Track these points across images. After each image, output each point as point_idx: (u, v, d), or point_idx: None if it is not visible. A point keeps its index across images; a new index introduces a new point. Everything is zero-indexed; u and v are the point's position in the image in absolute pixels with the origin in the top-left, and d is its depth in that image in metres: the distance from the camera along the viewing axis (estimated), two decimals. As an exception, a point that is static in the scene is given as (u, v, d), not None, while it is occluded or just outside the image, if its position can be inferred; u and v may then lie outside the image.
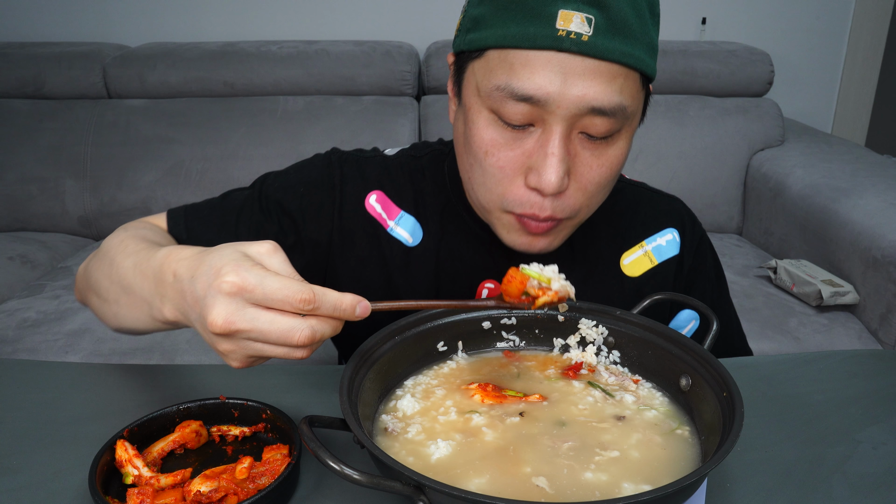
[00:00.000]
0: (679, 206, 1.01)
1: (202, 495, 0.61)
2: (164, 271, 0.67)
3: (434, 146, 0.99)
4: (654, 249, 0.97)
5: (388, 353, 0.72)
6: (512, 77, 0.73)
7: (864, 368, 0.87)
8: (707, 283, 1.00)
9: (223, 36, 2.73)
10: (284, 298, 0.58)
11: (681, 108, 2.50)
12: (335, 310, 0.60)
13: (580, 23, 0.70)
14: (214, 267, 0.60)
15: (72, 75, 2.44)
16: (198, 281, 0.61)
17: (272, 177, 0.97)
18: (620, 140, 0.78)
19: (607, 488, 0.60)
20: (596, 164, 0.78)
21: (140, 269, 0.72)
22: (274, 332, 0.59)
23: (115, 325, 0.82)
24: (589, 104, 0.72)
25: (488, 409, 0.70)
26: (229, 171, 2.38)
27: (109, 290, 0.78)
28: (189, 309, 0.63)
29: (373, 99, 2.49)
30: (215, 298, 0.59)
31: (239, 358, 0.62)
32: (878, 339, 1.85)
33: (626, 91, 0.74)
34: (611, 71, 0.72)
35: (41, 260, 2.21)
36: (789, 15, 2.85)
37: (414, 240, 0.94)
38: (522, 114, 0.74)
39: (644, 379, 0.76)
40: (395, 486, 0.53)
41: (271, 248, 0.63)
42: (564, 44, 0.71)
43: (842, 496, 0.65)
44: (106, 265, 0.79)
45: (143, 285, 0.71)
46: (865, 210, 1.94)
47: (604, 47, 0.71)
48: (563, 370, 0.77)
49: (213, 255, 0.62)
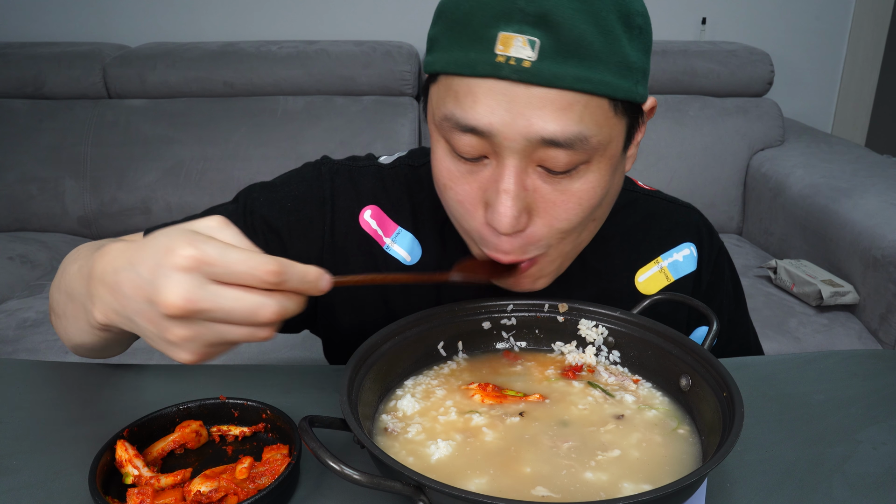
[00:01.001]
0: (696, 218, 0.95)
1: (202, 495, 0.61)
2: (95, 267, 0.59)
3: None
4: (670, 266, 0.92)
5: (388, 353, 0.72)
6: (456, 107, 0.67)
7: (864, 368, 0.87)
8: (725, 298, 0.96)
9: (223, 36, 2.73)
10: (248, 271, 0.52)
11: (681, 108, 2.50)
12: (302, 281, 0.55)
13: (521, 46, 0.62)
14: (163, 246, 0.53)
15: (72, 75, 2.44)
16: (141, 264, 0.54)
17: (257, 189, 0.90)
18: (589, 173, 0.69)
19: (607, 488, 0.60)
20: (560, 200, 0.69)
21: (80, 271, 0.66)
22: (240, 309, 0.53)
23: (69, 343, 0.77)
24: (538, 135, 0.64)
25: (488, 409, 0.70)
26: (229, 171, 2.38)
27: (58, 302, 0.73)
28: (127, 301, 0.55)
29: (373, 99, 2.50)
30: (168, 277, 0.52)
31: (195, 348, 0.55)
32: (878, 339, 1.85)
33: (588, 119, 0.65)
34: (563, 99, 0.64)
35: (41, 260, 2.21)
36: (789, 15, 2.85)
37: (412, 258, 0.88)
38: (472, 146, 0.68)
39: (644, 379, 0.76)
40: (395, 486, 0.53)
41: (222, 222, 0.57)
42: (503, 71, 0.63)
43: (842, 496, 0.66)
44: (58, 276, 0.75)
45: (80, 288, 0.64)
46: (865, 210, 1.94)
47: (551, 74, 0.63)
48: (562, 371, 0.77)
49: (158, 237, 0.55)
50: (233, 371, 0.86)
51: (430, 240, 0.89)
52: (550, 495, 0.59)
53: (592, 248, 0.85)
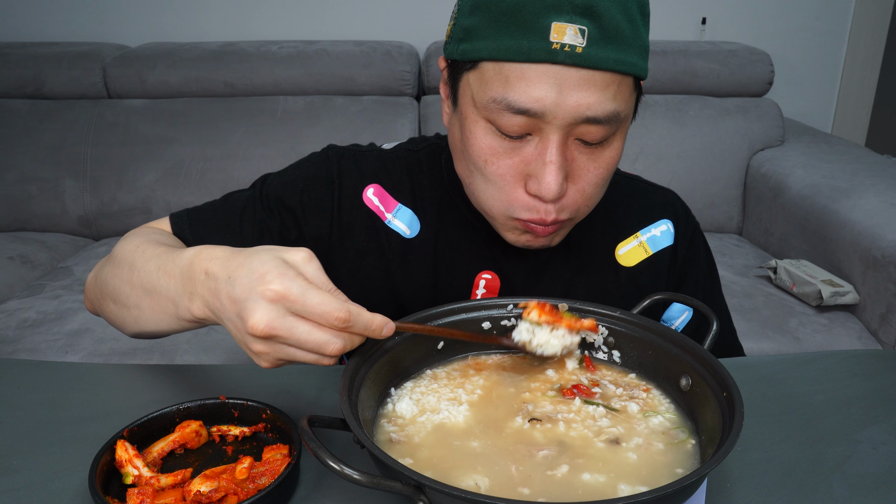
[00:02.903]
0: (673, 198, 1.02)
1: (202, 495, 0.61)
2: (195, 269, 0.69)
3: (431, 140, 1.00)
4: (648, 240, 0.98)
5: (389, 354, 0.72)
6: (508, 90, 0.74)
7: (864, 368, 0.87)
8: (700, 275, 1.01)
9: (223, 36, 2.73)
10: (323, 314, 0.61)
11: (681, 108, 2.50)
12: (365, 329, 0.64)
13: (573, 35, 0.71)
14: (258, 272, 0.62)
15: (72, 75, 2.44)
16: (237, 283, 0.63)
17: (272, 176, 0.98)
18: (615, 141, 0.80)
19: (605, 489, 0.60)
20: (593, 167, 0.79)
21: (165, 270, 0.74)
22: (310, 342, 0.62)
23: (135, 330, 0.83)
24: (584, 114, 0.74)
25: (489, 410, 0.70)
26: (229, 171, 2.38)
27: (130, 296, 0.79)
28: (222, 308, 0.65)
29: (373, 99, 2.50)
30: (257, 303, 0.61)
31: (270, 360, 0.64)
32: (878, 339, 1.85)
33: (620, 97, 0.75)
34: (604, 79, 0.73)
35: (41, 260, 2.21)
36: (789, 15, 2.85)
37: (412, 232, 0.96)
38: (520, 125, 0.75)
39: (644, 379, 0.76)
40: (395, 486, 0.53)
41: (307, 257, 0.65)
42: (559, 57, 0.72)
43: (842, 496, 0.66)
44: (125, 271, 0.80)
45: (169, 285, 0.72)
46: (865, 210, 1.94)
47: (597, 57, 0.72)
48: (563, 392, 0.74)
49: (255, 259, 0.64)
50: (233, 371, 0.86)
51: (429, 215, 0.96)
52: (549, 493, 0.59)
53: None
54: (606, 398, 0.73)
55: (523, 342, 0.75)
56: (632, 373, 0.77)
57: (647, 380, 0.76)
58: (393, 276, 0.96)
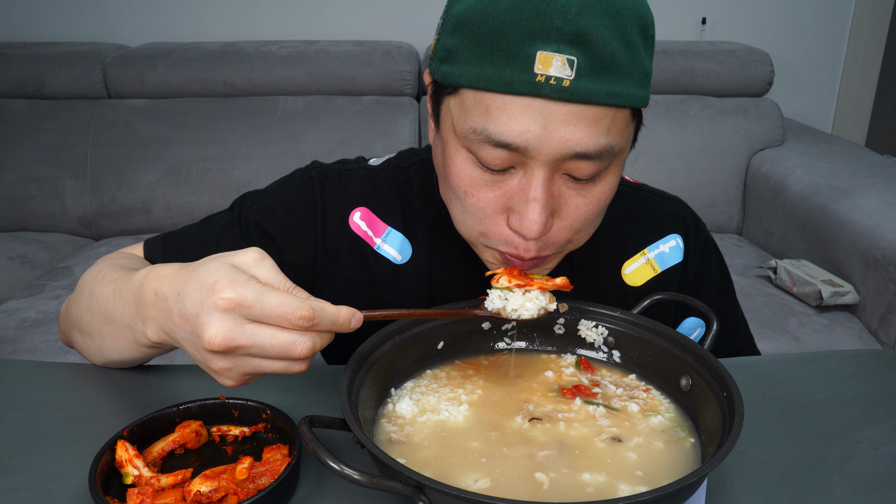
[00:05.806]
0: (682, 210, 0.97)
1: (202, 495, 0.61)
2: (145, 291, 0.65)
3: (421, 154, 0.94)
4: (656, 257, 0.93)
5: (388, 354, 0.72)
6: (488, 121, 0.67)
7: (864, 368, 0.87)
8: (713, 289, 0.97)
9: (223, 36, 2.73)
10: (283, 315, 0.57)
11: (681, 108, 2.50)
12: (333, 324, 0.60)
13: (560, 66, 0.63)
14: (206, 282, 0.59)
15: (72, 75, 2.44)
16: (187, 298, 0.60)
17: (251, 197, 0.92)
18: (609, 176, 0.72)
19: (606, 489, 0.60)
20: (582, 203, 0.72)
21: (119, 294, 0.70)
22: (275, 346, 0.58)
23: (102, 360, 0.81)
24: (572, 150, 0.66)
25: (489, 410, 0.70)
26: (229, 171, 2.38)
27: (91, 324, 0.77)
28: (176, 328, 0.62)
29: (373, 99, 2.50)
30: (210, 315, 0.58)
31: (234, 376, 0.61)
32: (878, 339, 1.85)
33: (614, 130, 0.68)
34: (595, 114, 0.66)
35: (41, 260, 2.21)
36: (789, 15, 2.85)
37: (403, 257, 0.90)
38: (501, 159, 0.68)
39: (644, 380, 0.76)
40: (395, 486, 0.53)
41: (258, 257, 0.61)
42: (543, 90, 0.64)
43: (842, 496, 0.66)
44: (85, 298, 0.78)
45: (124, 310, 0.69)
46: (865, 210, 1.94)
47: (587, 91, 0.64)
48: (563, 392, 0.74)
49: (202, 271, 0.60)
50: (233, 371, 0.86)
51: (421, 238, 0.91)
52: (549, 491, 0.59)
53: None
54: (607, 398, 0.73)
55: (497, 310, 0.71)
56: (632, 373, 0.77)
57: (647, 380, 0.76)
58: (385, 305, 0.90)
